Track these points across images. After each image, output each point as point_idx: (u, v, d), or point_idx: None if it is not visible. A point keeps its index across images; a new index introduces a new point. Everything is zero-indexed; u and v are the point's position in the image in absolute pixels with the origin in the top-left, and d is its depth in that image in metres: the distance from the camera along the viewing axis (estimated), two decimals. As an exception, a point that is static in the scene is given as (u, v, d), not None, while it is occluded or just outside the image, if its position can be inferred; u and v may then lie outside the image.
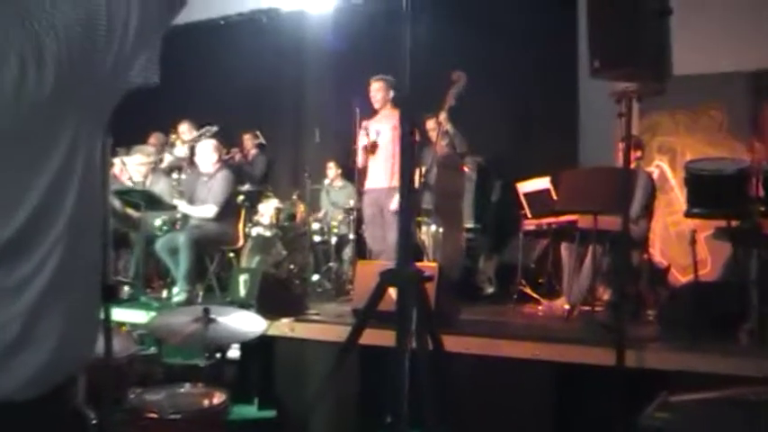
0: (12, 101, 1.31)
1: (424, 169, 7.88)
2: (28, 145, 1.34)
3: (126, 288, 7.61)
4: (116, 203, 8.07)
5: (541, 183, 7.84)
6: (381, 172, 7.65)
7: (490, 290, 8.46)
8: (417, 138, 2.94)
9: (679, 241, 8.11)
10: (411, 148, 2.79)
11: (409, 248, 2.75)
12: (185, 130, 9.62)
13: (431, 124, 8.20)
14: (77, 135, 1.40)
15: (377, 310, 2.82)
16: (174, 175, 8.49)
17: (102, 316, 2.64)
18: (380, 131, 7.76)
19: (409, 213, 2.74)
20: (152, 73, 1.52)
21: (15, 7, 1.35)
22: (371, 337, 3.41)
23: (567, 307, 6.79)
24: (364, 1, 10.34)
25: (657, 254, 8.36)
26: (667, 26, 4.20)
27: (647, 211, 7.03)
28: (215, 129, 8.70)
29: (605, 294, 7.17)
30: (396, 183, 6.96)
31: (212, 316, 4.36)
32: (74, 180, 1.40)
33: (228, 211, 8.05)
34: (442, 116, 7.70)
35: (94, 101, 1.44)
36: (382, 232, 7.63)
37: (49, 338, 1.39)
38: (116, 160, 8.71)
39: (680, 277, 7.93)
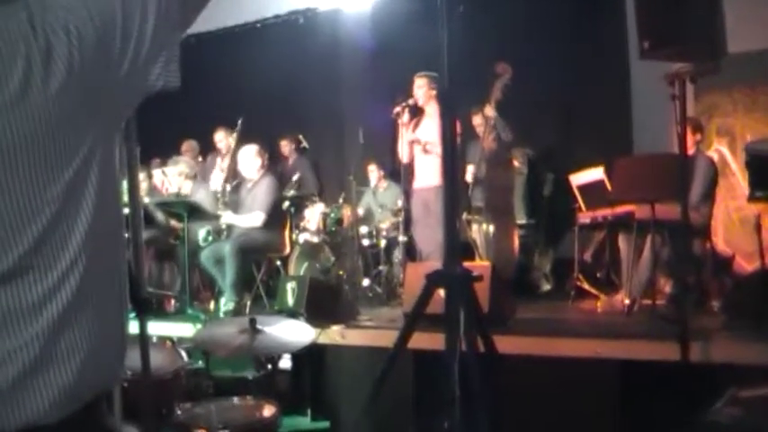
0: (18, 102, 1.29)
1: (472, 166, 7.84)
2: (38, 152, 1.32)
3: (172, 301, 7.67)
4: (159, 215, 8.14)
5: (595, 173, 7.74)
6: (429, 170, 7.60)
7: (546, 287, 8.39)
8: (460, 133, 2.88)
9: (743, 227, 7.95)
10: (453, 144, 2.75)
11: (456, 248, 2.71)
12: (221, 138, 9.69)
13: (477, 119, 8.14)
14: (92, 142, 1.38)
15: (428, 312, 2.79)
16: (218, 187, 8.52)
17: (137, 330, 2.63)
18: (426, 128, 7.72)
19: (454, 211, 2.70)
20: (172, 76, 1.50)
21: (26, 11, 1.34)
22: (423, 340, 3.37)
23: (626, 301, 6.68)
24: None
25: (721, 242, 8.20)
26: (719, 1, 4.09)
27: (709, 198, 6.90)
28: (239, 122, 8.75)
29: (667, 286, 7.05)
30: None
31: (259, 326, 4.34)
32: (89, 190, 1.38)
33: (274, 217, 8.08)
34: (488, 109, 7.63)
35: (110, 106, 1.42)
36: (431, 232, 7.56)
37: (72, 357, 1.37)
38: (156, 171, 8.80)
39: (745, 265, 7.76)
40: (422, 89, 7.76)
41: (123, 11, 1.41)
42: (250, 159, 8.13)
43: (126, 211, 2.06)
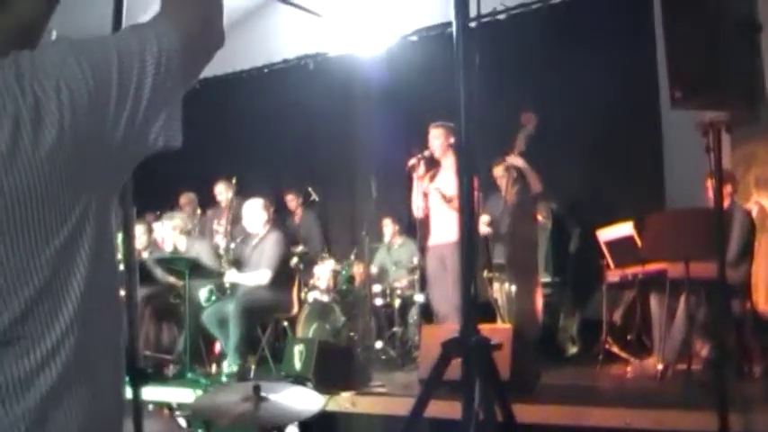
0: (5, 165, 1.28)
1: (488, 219, 7.82)
2: (26, 218, 1.31)
3: (171, 365, 7.64)
4: (158, 272, 8.14)
5: (624, 229, 7.69)
6: (446, 225, 7.56)
7: (573, 350, 8.30)
8: (478, 187, 2.86)
9: (787, 286, 7.86)
10: (471, 200, 2.73)
11: (473, 313, 2.67)
12: (221, 191, 9.73)
13: (499, 171, 8.15)
14: (85, 206, 1.37)
15: (446, 378, 2.75)
16: (221, 243, 8.52)
17: (130, 399, 2.61)
18: (443, 181, 7.71)
19: (471, 273, 2.67)
20: (173, 136, 1.48)
21: (14, 67, 1.33)
22: (440, 408, 3.33)
23: (659, 366, 6.60)
24: (419, 39, 10.39)
25: (762, 301, 8.09)
26: (757, 44, 4.08)
27: (747, 254, 6.84)
28: (234, 180, 8.78)
29: (703, 350, 6.96)
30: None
31: (264, 393, 4.30)
32: (82, 256, 1.37)
33: (282, 275, 8.07)
34: (514, 158, 7.64)
35: (104, 169, 1.41)
36: (448, 292, 7.50)
37: None
38: (157, 225, 8.82)
39: (790, 327, 7.67)
40: (438, 140, 7.76)
41: (119, 67, 1.40)
42: (255, 214, 8.14)
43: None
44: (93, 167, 1.38)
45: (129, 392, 2.42)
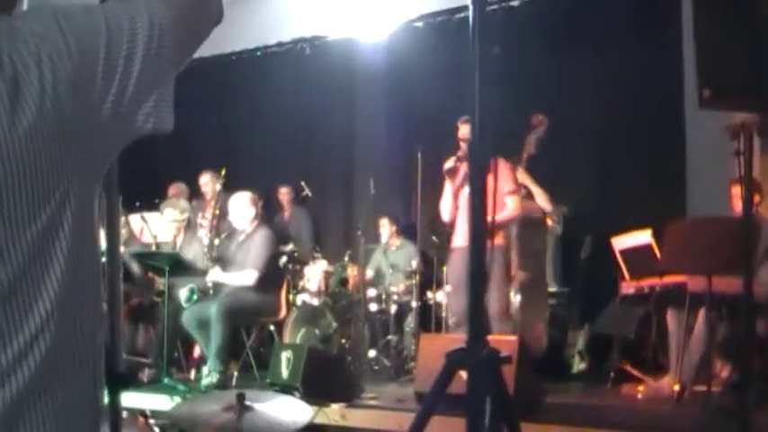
0: None
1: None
2: (4, 198, 1.27)
3: (147, 369, 7.61)
4: (135, 268, 8.10)
5: (641, 237, 7.67)
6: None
7: (581, 366, 8.28)
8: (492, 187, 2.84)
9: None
10: (483, 201, 2.70)
11: (482, 323, 2.65)
12: (206, 181, 9.68)
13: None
14: (66, 191, 1.33)
15: (447, 392, 2.72)
16: (204, 239, 8.48)
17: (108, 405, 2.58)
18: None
19: (481, 280, 2.64)
20: (164, 118, 1.46)
21: None
22: (441, 426, 3.30)
23: (675, 387, 6.59)
24: (424, 25, 10.36)
25: (789, 320, 8.10)
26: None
27: (774, 269, 6.83)
28: (223, 172, 8.72)
29: (724, 371, 6.94)
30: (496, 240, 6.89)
31: (247, 403, 4.28)
32: (60, 245, 1.33)
33: (269, 276, 8.04)
34: (521, 173, 7.63)
35: (89, 151, 1.37)
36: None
37: None
38: (134, 217, 8.77)
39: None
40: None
41: (107, 39, 1.37)
42: (242, 208, 8.10)
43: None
44: (77, 147, 1.34)
45: (106, 398, 2.39)
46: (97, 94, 1.36)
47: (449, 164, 7.49)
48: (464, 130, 7.36)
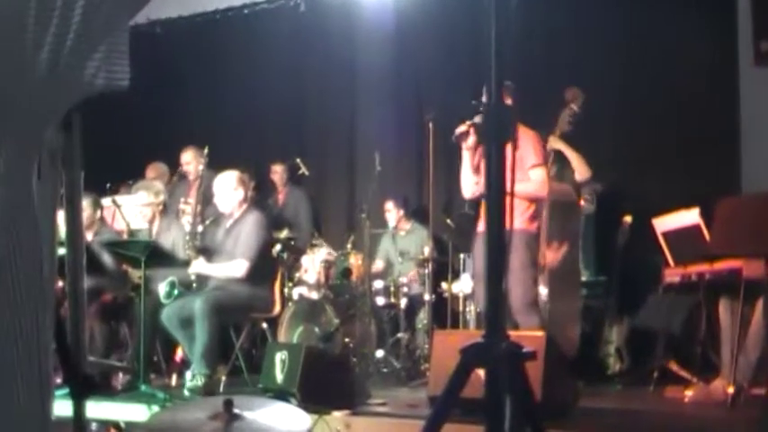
0: None
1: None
2: None
3: (121, 375, 7.62)
4: (107, 259, 8.11)
5: (688, 217, 7.65)
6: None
7: (619, 367, 8.29)
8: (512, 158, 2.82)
9: None
10: (501, 178, 2.70)
11: (501, 314, 2.65)
12: (189, 159, 9.67)
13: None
14: None
15: (463, 396, 2.73)
16: (187, 226, 8.48)
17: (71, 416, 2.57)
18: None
19: (500, 267, 2.64)
20: (118, 72, 1.44)
21: None
22: (455, 435, 3.32)
23: (730, 390, 6.58)
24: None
25: None
26: None
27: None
28: (205, 150, 8.70)
29: (786, 371, 6.96)
30: (520, 224, 6.85)
31: (237, 410, 4.30)
32: None
33: (262, 266, 8.05)
34: (552, 142, 7.59)
35: (24, 111, 1.35)
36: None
37: None
38: (106, 201, 8.78)
39: None
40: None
41: None
42: (228, 190, 8.09)
43: (62, 252, 2.01)
44: (10, 103, 1.32)
45: (69, 407, 2.38)
46: (31, 36, 1.33)
47: (461, 128, 7.40)
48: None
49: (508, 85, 7.34)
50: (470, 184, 7.50)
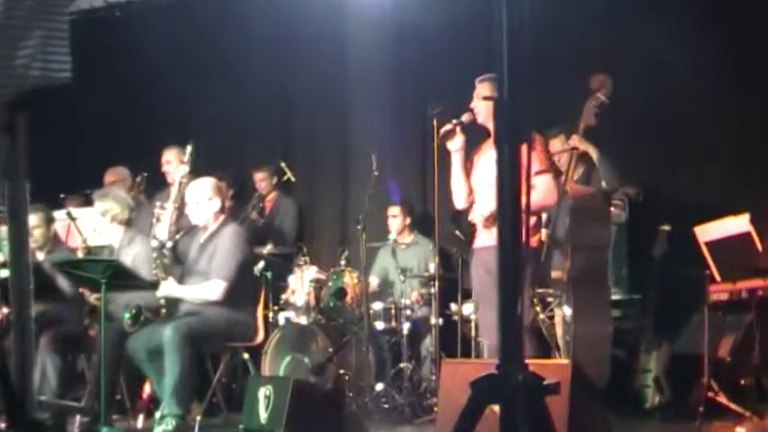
0: None
1: (545, 217, 7.77)
2: None
3: (78, 416, 7.61)
4: (62, 281, 8.10)
5: (737, 224, 7.66)
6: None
7: (658, 399, 8.30)
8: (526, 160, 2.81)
9: None
10: (515, 183, 2.70)
11: (517, 341, 2.65)
12: (171, 158, 9.64)
13: (557, 145, 8.12)
14: None
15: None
16: (153, 241, 8.43)
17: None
18: (491, 159, 7.63)
19: (515, 283, 2.65)
20: (56, 63, 1.44)
21: None
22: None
23: (789, 427, 6.61)
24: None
25: None
26: None
27: None
28: (189, 146, 8.61)
29: None
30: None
31: (213, 456, 4.32)
32: None
33: (241, 287, 8.04)
34: (575, 141, 7.58)
35: None
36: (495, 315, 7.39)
37: None
38: (60, 214, 8.76)
39: None
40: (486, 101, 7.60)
41: None
42: (203, 200, 8.06)
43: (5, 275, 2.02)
44: None
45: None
46: None
47: (446, 127, 7.34)
48: (478, 90, 7.32)
49: (493, 77, 7.36)
50: (463, 191, 7.46)
